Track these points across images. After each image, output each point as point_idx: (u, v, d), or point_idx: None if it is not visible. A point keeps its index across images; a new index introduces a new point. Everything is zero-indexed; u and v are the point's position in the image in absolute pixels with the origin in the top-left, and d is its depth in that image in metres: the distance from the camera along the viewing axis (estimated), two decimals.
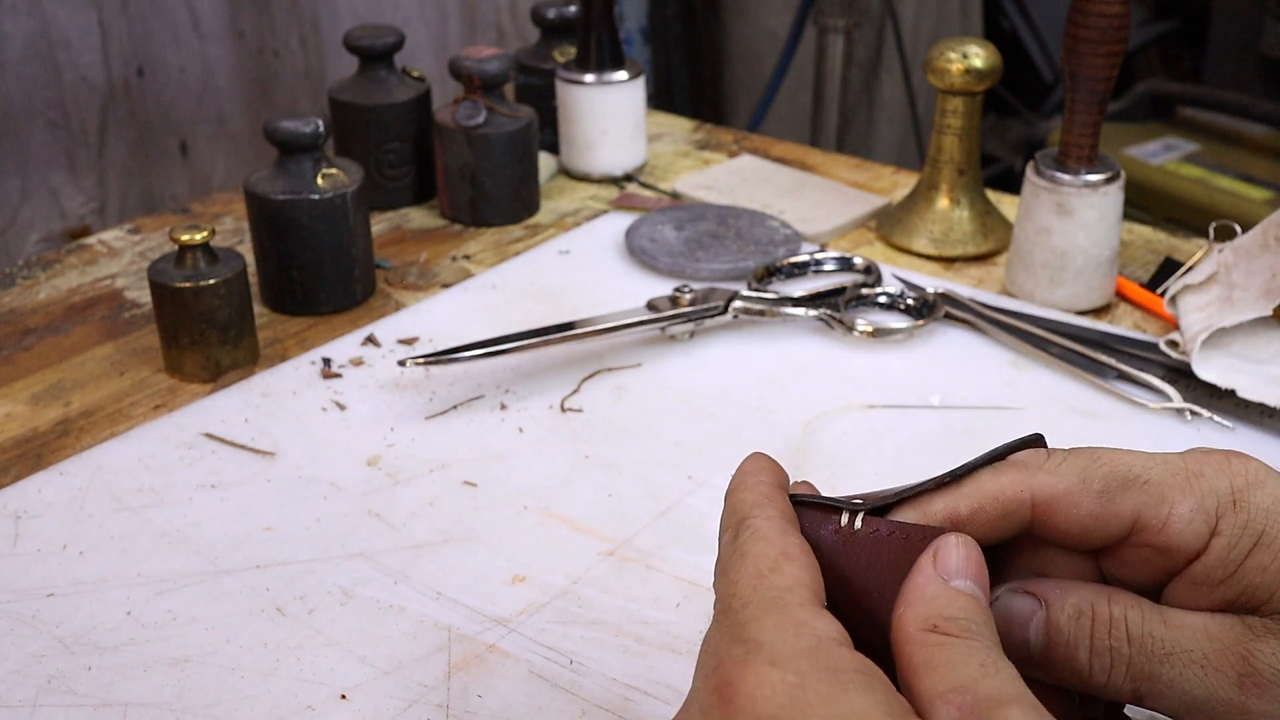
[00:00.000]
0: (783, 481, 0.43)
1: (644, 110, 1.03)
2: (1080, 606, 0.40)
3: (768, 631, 0.35)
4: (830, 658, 0.34)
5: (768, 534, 0.39)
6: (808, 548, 0.39)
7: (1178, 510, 0.40)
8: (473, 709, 0.52)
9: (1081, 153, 0.79)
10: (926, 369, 0.77)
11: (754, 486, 0.42)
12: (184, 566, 0.60)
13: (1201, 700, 0.39)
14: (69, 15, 1.37)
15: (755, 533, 0.39)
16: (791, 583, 0.37)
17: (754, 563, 0.38)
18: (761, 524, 0.39)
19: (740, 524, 0.40)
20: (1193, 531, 0.40)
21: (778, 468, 0.43)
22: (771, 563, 0.38)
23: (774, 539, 0.39)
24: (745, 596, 0.37)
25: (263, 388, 0.74)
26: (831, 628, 0.36)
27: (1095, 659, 0.40)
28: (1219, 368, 0.72)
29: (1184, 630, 0.39)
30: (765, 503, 0.41)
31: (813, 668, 0.34)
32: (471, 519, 0.64)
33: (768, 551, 0.38)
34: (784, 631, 0.35)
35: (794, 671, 0.34)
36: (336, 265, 0.82)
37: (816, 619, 0.36)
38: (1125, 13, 0.76)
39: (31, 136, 1.37)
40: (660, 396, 0.74)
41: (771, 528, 0.39)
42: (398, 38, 0.96)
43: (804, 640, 0.35)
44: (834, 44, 2.03)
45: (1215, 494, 0.40)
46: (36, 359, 0.78)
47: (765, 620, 0.36)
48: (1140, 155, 1.99)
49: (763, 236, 0.90)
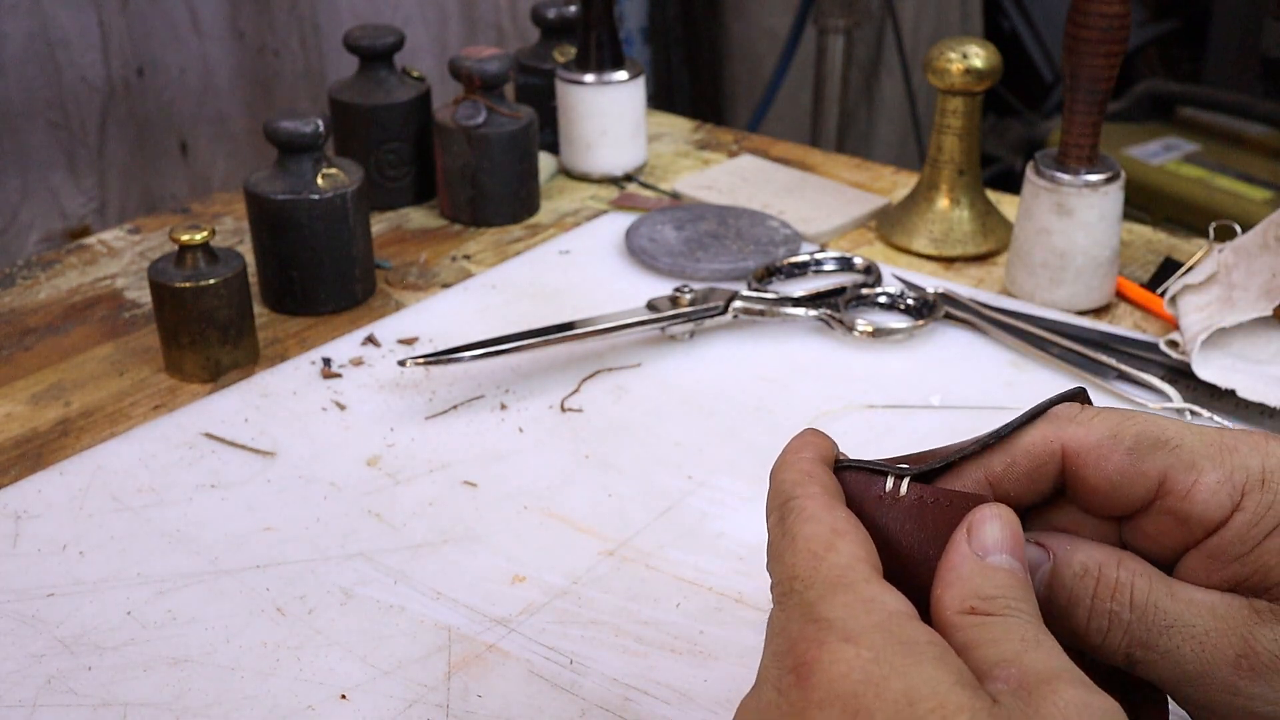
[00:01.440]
0: (827, 454, 0.42)
1: (644, 110, 1.03)
2: (1087, 565, 0.40)
3: (838, 609, 0.35)
4: (902, 631, 0.35)
5: (814, 513, 0.39)
6: (856, 520, 0.39)
7: (1205, 479, 0.39)
8: (473, 709, 0.52)
9: (1081, 153, 0.79)
10: (926, 369, 0.77)
11: (794, 464, 0.41)
12: (184, 566, 0.60)
13: (1194, 675, 0.39)
14: (69, 15, 1.37)
15: (801, 513, 0.39)
16: (850, 559, 0.37)
17: (806, 544, 0.38)
18: (806, 503, 0.39)
19: (784, 505, 0.40)
20: (1216, 502, 0.39)
21: (823, 441, 0.43)
22: (825, 541, 0.38)
23: (822, 517, 0.39)
24: (806, 578, 0.37)
25: (263, 388, 0.74)
26: (899, 602, 0.36)
27: (1093, 619, 0.40)
28: (1219, 368, 0.72)
29: (1190, 605, 0.39)
30: (806, 480, 0.40)
31: (886, 642, 0.34)
32: (471, 519, 0.64)
33: (818, 531, 0.38)
34: (854, 608, 0.35)
35: (868, 647, 0.34)
36: (336, 265, 0.82)
37: (884, 593, 0.36)
38: (1125, 13, 0.76)
39: (31, 136, 1.37)
40: (660, 396, 0.74)
41: (817, 505, 0.39)
42: (398, 38, 0.96)
43: (875, 615, 0.35)
44: (834, 44, 2.03)
45: (1245, 470, 0.39)
46: (36, 359, 0.78)
47: (834, 599, 0.36)
48: (1140, 155, 1.99)
49: (763, 236, 0.90)
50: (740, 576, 0.59)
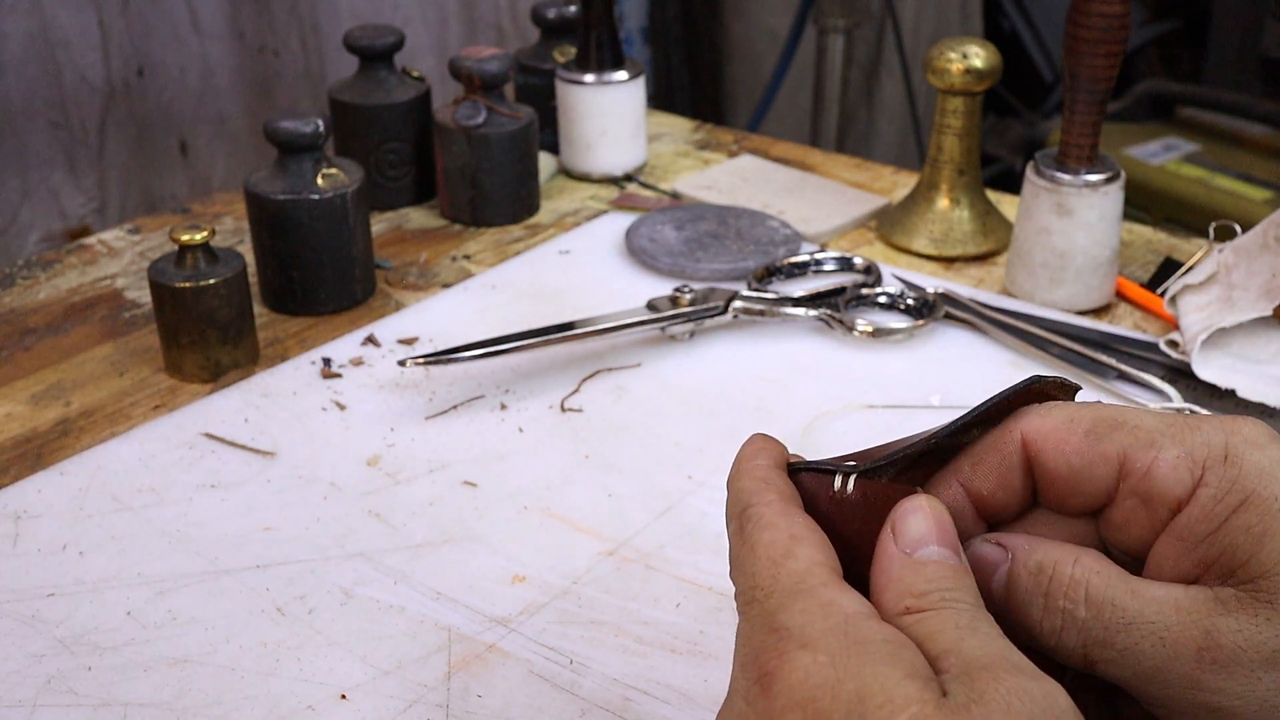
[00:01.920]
0: (781, 459, 0.42)
1: (644, 110, 1.03)
2: (1042, 563, 0.40)
3: (795, 616, 0.36)
4: (857, 632, 0.35)
5: (771, 519, 0.39)
6: (814, 524, 0.39)
7: (1164, 454, 0.39)
8: (473, 709, 0.52)
9: (1081, 153, 0.79)
10: (926, 369, 0.77)
11: (749, 472, 0.41)
12: (184, 566, 0.60)
13: (1154, 672, 0.38)
14: (69, 15, 1.37)
15: (759, 521, 0.39)
16: (808, 564, 0.37)
17: (765, 551, 0.38)
18: (763, 510, 0.39)
19: (743, 514, 0.40)
20: (1177, 478, 0.39)
21: (775, 446, 0.43)
22: (783, 548, 0.38)
23: (779, 523, 0.39)
24: (766, 587, 0.37)
25: (263, 388, 0.74)
26: (856, 603, 0.36)
27: (1046, 617, 0.39)
28: (1219, 368, 0.72)
29: (1150, 602, 0.38)
30: (763, 487, 0.41)
31: (841, 644, 0.35)
32: (471, 519, 0.64)
33: (776, 538, 0.38)
34: (811, 614, 0.36)
35: (824, 651, 0.34)
36: (336, 265, 0.82)
37: (841, 596, 0.36)
38: (1125, 13, 0.76)
39: (31, 136, 1.37)
40: (660, 396, 0.74)
41: (773, 512, 0.39)
42: (398, 38, 0.96)
43: (831, 619, 0.35)
44: (834, 44, 2.03)
45: (1207, 445, 0.39)
46: (36, 359, 0.78)
47: (793, 606, 0.36)
48: (1140, 155, 1.99)
49: (763, 236, 0.90)
50: None
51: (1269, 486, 0.38)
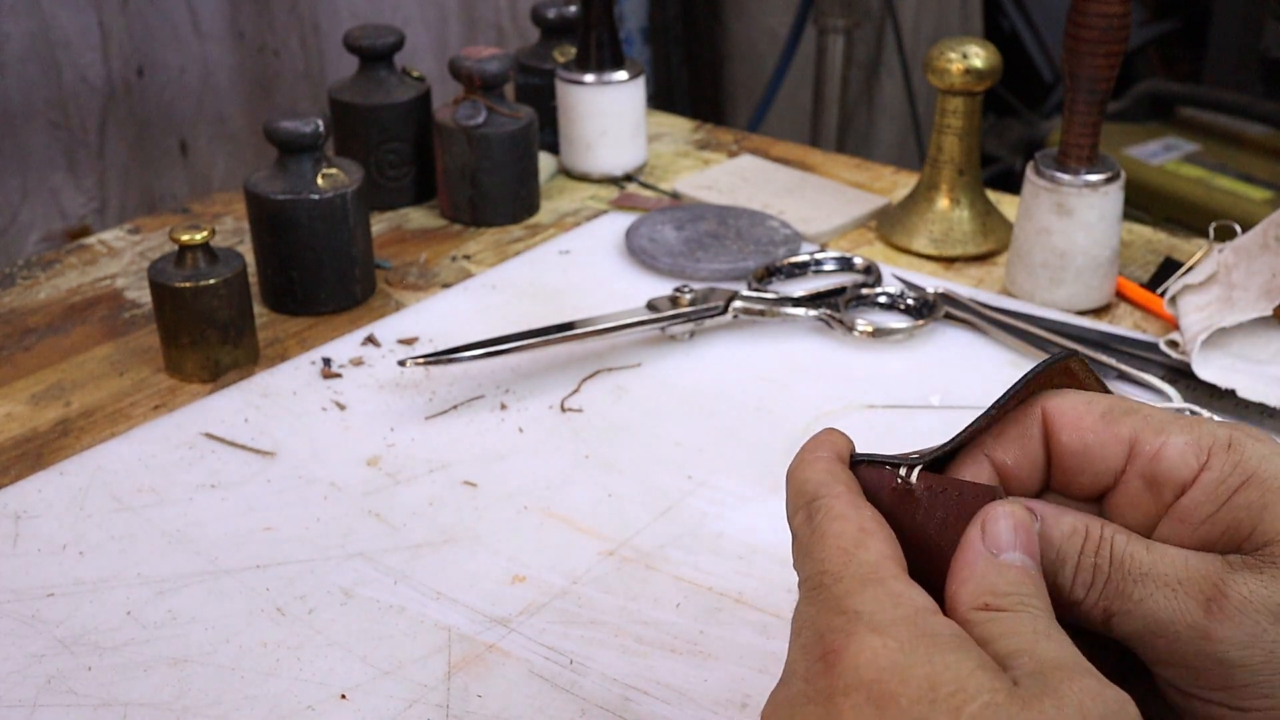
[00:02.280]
0: (844, 452, 0.44)
1: (644, 110, 1.03)
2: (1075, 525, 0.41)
3: (867, 603, 0.37)
4: (928, 624, 0.36)
5: (842, 511, 0.40)
6: (882, 519, 0.40)
7: (1172, 439, 0.41)
8: (473, 709, 0.52)
9: (1081, 153, 0.79)
10: (926, 369, 0.77)
11: (814, 463, 0.43)
12: (184, 566, 0.60)
13: (1166, 622, 0.39)
14: (69, 15, 1.37)
15: (829, 512, 0.40)
16: (879, 556, 0.38)
17: (836, 540, 0.39)
18: (833, 502, 0.41)
19: (811, 504, 0.41)
20: (1184, 462, 0.41)
21: (840, 439, 0.44)
22: (854, 539, 0.39)
23: (849, 515, 0.40)
24: (836, 572, 0.38)
25: (263, 388, 0.74)
26: (924, 598, 0.37)
27: (1079, 574, 0.41)
28: (1219, 368, 0.72)
29: (1164, 556, 0.40)
30: (830, 479, 0.42)
31: (911, 633, 0.35)
32: (471, 519, 0.64)
33: (847, 529, 0.39)
34: (882, 602, 0.37)
35: (894, 637, 0.35)
36: (336, 265, 0.82)
37: (911, 590, 0.37)
38: (1125, 13, 0.76)
39: (31, 136, 1.37)
40: (660, 396, 0.74)
41: (843, 504, 0.40)
42: (398, 38, 0.96)
43: (902, 610, 0.36)
44: (834, 44, 2.03)
45: (1212, 435, 0.41)
46: (36, 359, 0.78)
47: (863, 593, 0.37)
48: (1140, 155, 1.99)
49: (763, 236, 0.90)
50: (740, 576, 0.59)
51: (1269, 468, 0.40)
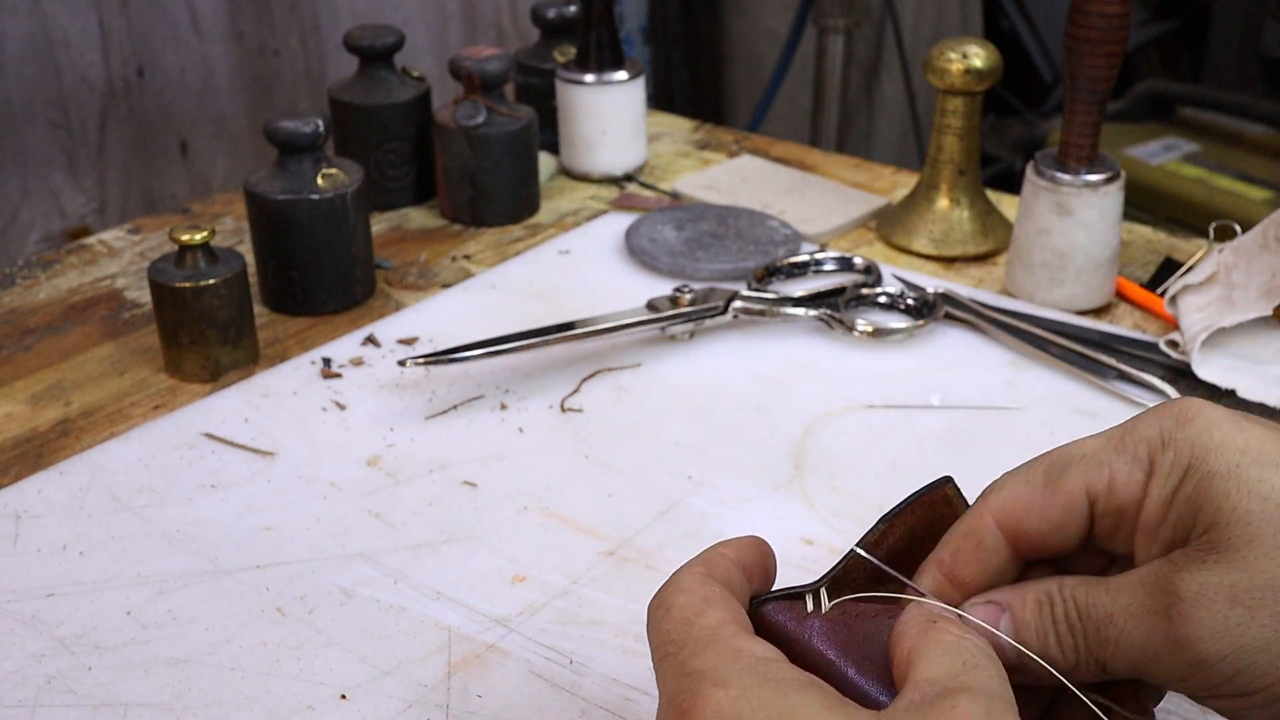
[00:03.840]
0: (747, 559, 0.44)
1: (644, 110, 1.03)
2: (1039, 598, 0.42)
3: (708, 661, 0.38)
4: (768, 671, 0.38)
5: (689, 585, 0.42)
6: (728, 595, 0.42)
7: (1116, 468, 0.42)
8: (473, 709, 0.52)
9: (1081, 153, 0.79)
10: (926, 369, 0.77)
11: (700, 554, 0.44)
12: (184, 566, 0.60)
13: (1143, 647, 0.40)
14: (69, 15, 1.37)
15: (677, 586, 0.42)
16: (719, 621, 0.40)
17: (679, 612, 0.41)
18: (682, 576, 0.42)
19: (666, 584, 0.43)
20: (1133, 481, 0.41)
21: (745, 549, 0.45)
22: (696, 609, 0.41)
23: (694, 589, 0.42)
24: (679, 640, 0.40)
25: (263, 388, 0.74)
26: (767, 650, 0.39)
27: (1062, 641, 0.41)
28: (1219, 368, 0.72)
29: (1121, 589, 0.41)
30: (697, 561, 0.43)
31: (754, 681, 0.37)
32: (471, 519, 0.64)
33: (690, 601, 0.41)
34: (723, 658, 0.38)
35: (737, 687, 0.37)
36: (336, 265, 0.82)
37: (752, 644, 0.39)
38: (1125, 13, 0.76)
39: (31, 136, 1.37)
40: (660, 396, 0.74)
41: (692, 580, 0.42)
42: (398, 38, 0.96)
43: (742, 661, 0.38)
44: (834, 44, 2.03)
45: (1145, 441, 0.42)
46: (36, 359, 0.78)
47: (705, 654, 0.39)
48: (1140, 155, 1.99)
49: (763, 236, 0.90)
50: None
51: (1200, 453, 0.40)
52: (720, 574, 0.43)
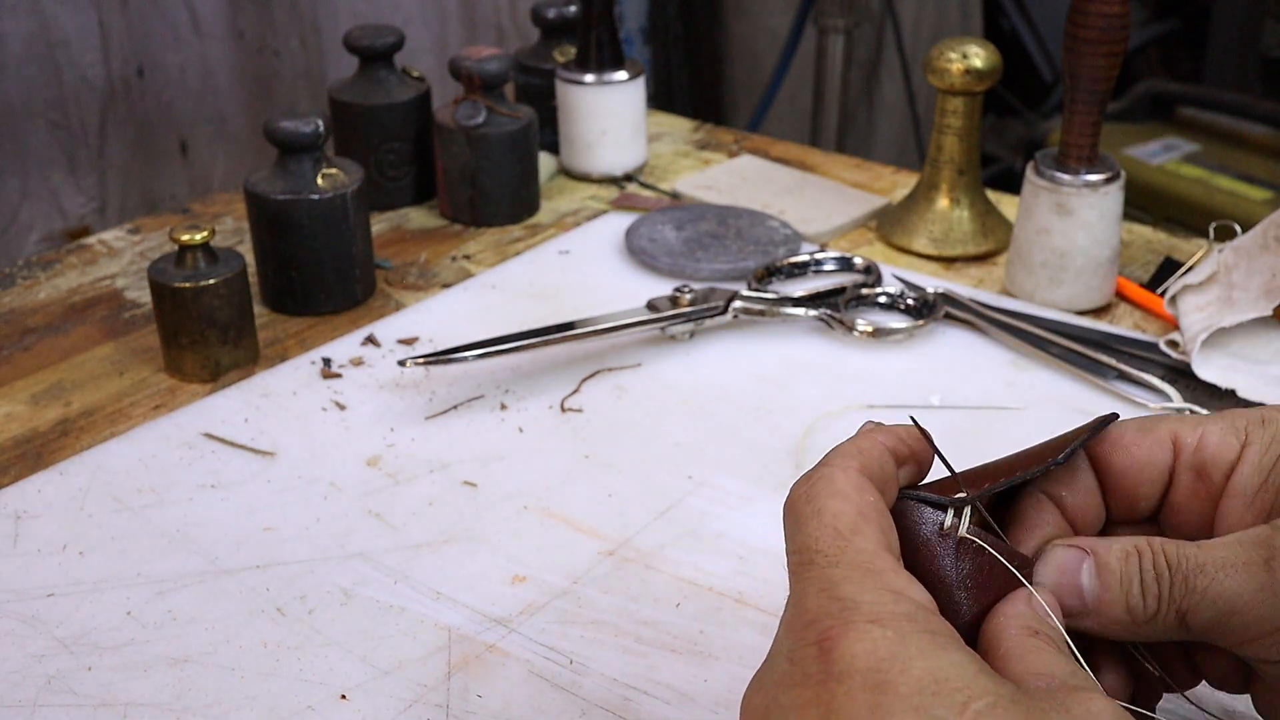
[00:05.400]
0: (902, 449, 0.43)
1: (644, 110, 1.03)
2: (1126, 548, 0.42)
3: (867, 593, 0.36)
4: (927, 622, 0.36)
5: (843, 489, 0.39)
6: (884, 508, 0.40)
7: (1209, 427, 0.44)
8: (473, 709, 0.52)
9: (1081, 153, 0.79)
10: (926, 369, 0.77)
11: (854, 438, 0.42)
12: (184, 566, 0.60)
13: (1235, 596, 0.40)
14: (69, 15, 1.37)
15: (830, 485, 0.39)
16: (875, 545, 0.38)
17: (832, 520, 0.39)
18: (837, 474, 0.40)
19: (814, 474, 0.40)
20: (1225, 444, 0.43)
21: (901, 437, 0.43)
22: (851, 523, 0.38)
23: (850, 495, 0.39)
24: (832, 555, 0.38)
25: (263, 388, 0.74)
26: (925, 596, 0.38)
27: (1146, 589, 0.41)
28: (1219, 368, 0.72)
29: (1216, 545, 0.41)
30: (851, 453, 0.41)
31: (913, 628, 0.35)
32: (471, 519, 0.64)
33: (845, 509, 0.39)
34: (882, 595, 0.36)
35: (894, 630, 0.35)
36: (336, 265, 0.82)
37: (911, 587, 0.37)
38: (1125, 13, 0.76)
39: (31, 136, 1.37)
40: (660, 396, 0.74)
41: (847, 481, 0.40)
42: (398, 38, 0.96)
43: (903, 605, 0.36)
44: (834, 44, 2.03)
45: (1245, 416, 0.44)
46: (36, 359, 0.78)
47: (863, 582, 0.37)
48: (1140, 155, 1.99)
49: (763, 236, 0.90)
50: (740, 576, 0.59)
51: None
52: (875, 472, 0.41)
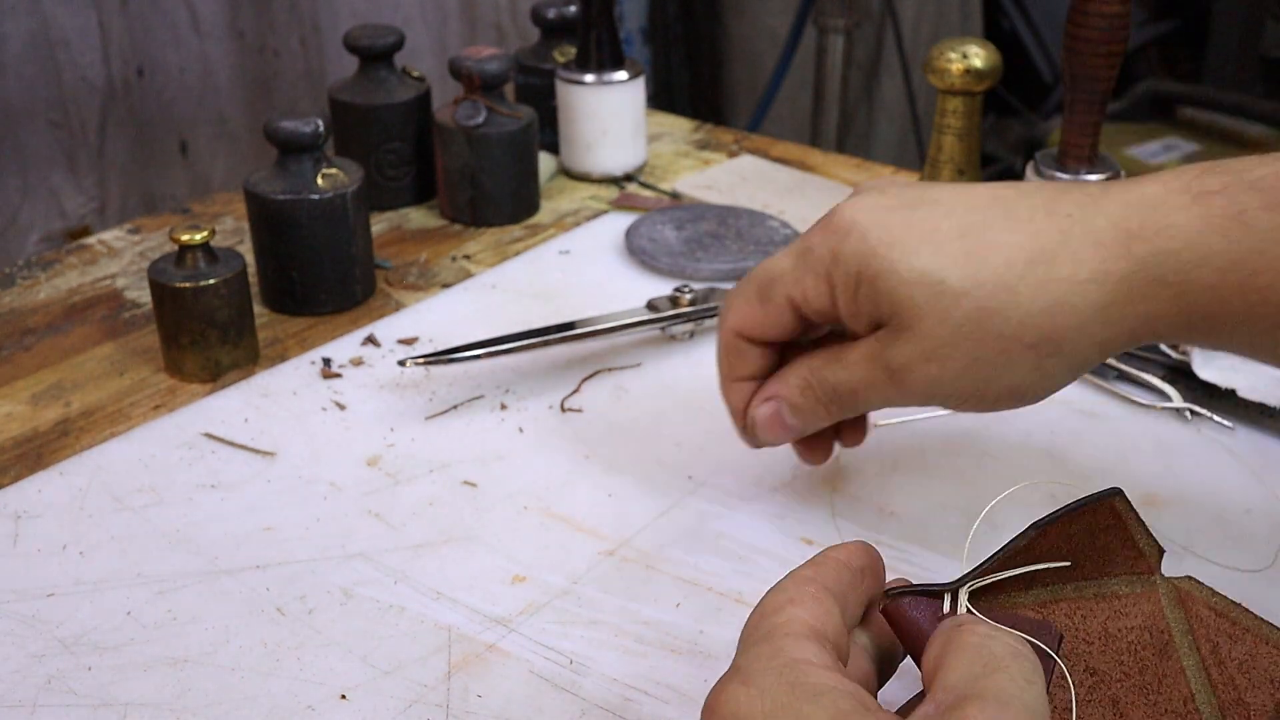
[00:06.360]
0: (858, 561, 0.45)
1: (644, 110, 1.03)
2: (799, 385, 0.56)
3: (749, 658, 0.40)
4: (796, 676, 0.38)
5: (784, 584, 0.43)
6: (824, 594, 0.43)
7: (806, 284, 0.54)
8: (473, 709, 0.52)
9: (1081, 153, 0.79)
10: None
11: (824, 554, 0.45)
12: (184, 566, 0.60)
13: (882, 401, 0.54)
14: (69, 15, 1.37)
15: (778, 588, 0.43)
16: (787, 619, 0.41)
17: (763, 606, 0.43)
18: (786, 581, 0.44)
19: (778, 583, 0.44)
20: (821, 294, 0.54)
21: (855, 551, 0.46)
22: (775, 606, 0.42)
23: (787, 587, 0.43)
24: (749, 635, 0.42)
25: (263, 388, 0.74)
26: (810, 652, 0.40)
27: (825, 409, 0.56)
28: (1219, 368, 0.72)
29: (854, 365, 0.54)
30: (807, 562, 0.45)
31: (776, 684, 0.38)
32: (471, 519, 0.64)
33: (778, 599, 0.42)
34: (761, 657, 0.39)
35: (758, 688, 0.38)
36: (336, 265, 0.82)
37: (797, 647, 0.40)
38: (1125, 13, 0.76)
39: (31, 136, 1.37)
40: (660, 396, 0.74)
41: (789, 579, 0.44)
42: (398, 38, 0.96)
43: (776, 662, 0.39)
44: (834, 44, 2.03)
45: (821, 260, 0.53)
46: (36, 359, 0.78)
47: (752, 650, 0.40)
48: (1140, 155, 1.99)
49: (763, 236, 0.90)
50: (740, 576, 0.59)
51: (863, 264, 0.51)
52: (828, 577, 0.43)
